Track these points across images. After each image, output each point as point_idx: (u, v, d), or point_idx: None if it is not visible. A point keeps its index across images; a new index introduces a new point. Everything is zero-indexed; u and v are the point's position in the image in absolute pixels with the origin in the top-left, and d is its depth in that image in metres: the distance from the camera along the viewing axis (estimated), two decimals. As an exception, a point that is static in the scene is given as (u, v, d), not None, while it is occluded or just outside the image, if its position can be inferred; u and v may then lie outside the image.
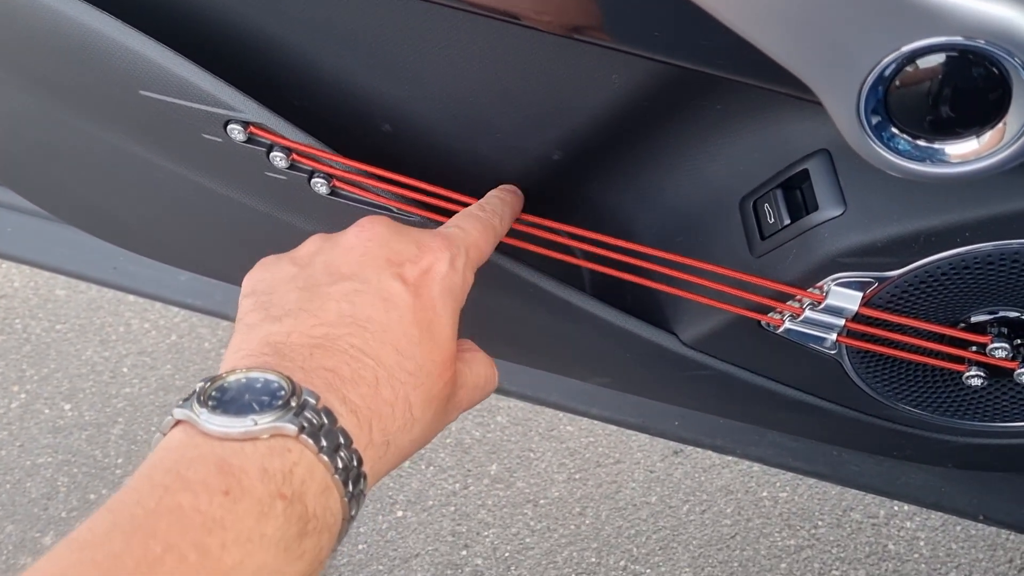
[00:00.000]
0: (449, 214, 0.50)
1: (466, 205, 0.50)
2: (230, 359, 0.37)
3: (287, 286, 0.40)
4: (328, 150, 0.49)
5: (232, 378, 0.34)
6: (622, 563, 1.18)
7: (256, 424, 0.32)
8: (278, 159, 0.49)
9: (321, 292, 0.39)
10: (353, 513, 0.34)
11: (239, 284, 0.43)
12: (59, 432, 1.35)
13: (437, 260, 0.41)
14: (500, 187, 0.50)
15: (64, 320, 1.48)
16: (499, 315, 0.60)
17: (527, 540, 1.21)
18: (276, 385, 0.33)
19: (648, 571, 1.17)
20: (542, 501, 1.24)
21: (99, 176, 0.61)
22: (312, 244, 0.43)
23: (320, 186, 0.50)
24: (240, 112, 0.48)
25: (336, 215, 0.53)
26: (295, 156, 0.49)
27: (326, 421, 0.33)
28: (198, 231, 0.63)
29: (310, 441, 0.32)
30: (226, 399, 0.33)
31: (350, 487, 0.33)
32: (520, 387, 0.92)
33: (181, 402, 0.33)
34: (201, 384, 0.34)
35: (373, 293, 0.39)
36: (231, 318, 0.94)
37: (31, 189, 0.69)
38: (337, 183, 0.50)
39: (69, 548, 0.29)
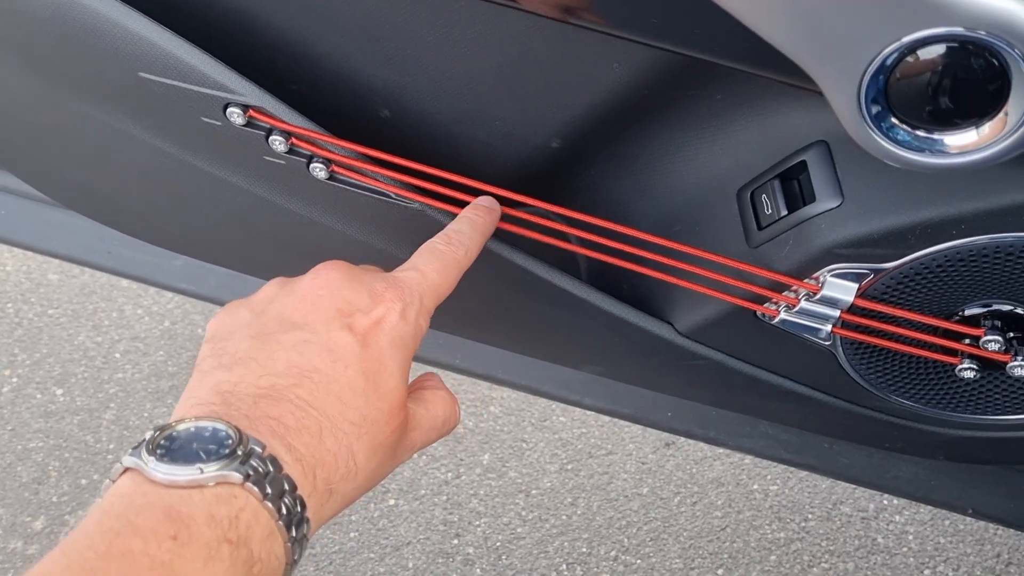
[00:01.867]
0: (448, 201, 0.50)
1: (466, 188, 0.50)
2: (181, 406, 0.38)
3: (241, 333, 0.41)
4: (328, 134, 0.49)
5: (181, 427, 0.35)
6: (613, 553, 1.18)
7: (203, 472, 0.33)
8: (277, 143, 0.49)
9: (271, 341, 0.40)
10: (296, 558, 0.35)
11: (236, 270, 0.44)
12: (51, 417, 1.34)
13: (388, 311, 0.41)
14: (474, 203, 0.50)
15: (57, 305, 1.48)
16: (493, 302, 0.60)
17: (518, 530, 1.21)
18: (224, 434, 0.34)
19: (639, 562, 1.17)
20: (534, 491, 1.25)
21: (97, 159, 0.61)
22: (270, 289, 0.44)
23: (319, 171, 0.50)
24: (240, 95, 0.48)
25: (334, 201, 0.53)
26: (294, 140, 0.49)
27: (271, 469, 0.34)
28: (196, 215, 0.63)
29: (255, 489, 0.33)
30: (174, 447, 0.34)
31: (293, 532, 0.34)
32: (513, 376, 0.92)
33: (131, 450, 0.34)
34: (151, 433, 0.35)
35: (321, 344, 0.39)
36: (224, 304, 0.93)
37: (28, 171, 0.69)
38: (336, 168, 0.50)
39: None
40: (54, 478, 1.28)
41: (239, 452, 0.34)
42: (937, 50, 0.33)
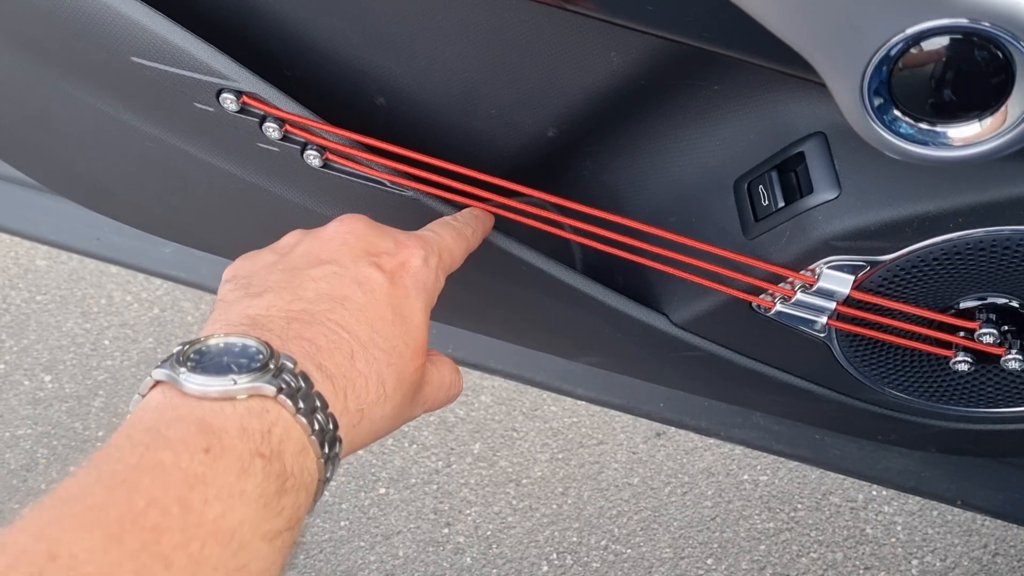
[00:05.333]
0: (443, 189, 0.50)
1: (461, 177, 0.49)
2: (209, 328, 0.37)
3: (267, 269, 0.41)
4: (323, 122, 0.48)
5: (212, 341, 0.34)
6: (603, 543, 1.19)
7: (235, 384, 0.32)
8: (271, 130, 0.49)
9: (301, 274, 0.40)
10: (329, 475, 0.35)
11: (227, 257, 0.44)
12: (39, 404, 1.34)
13: (412, 256, 0.43)
14: (471, 207, 0.52)
15: (45, 291, 1.47)
16: (488, 291, 0.60)
17: (509, 519, 1.21)
18: (254, 349, 0.34)
19: (629, 551, 1.18)
20: (524, 480, 1.25)
21: (89, 144, 0.60)
22: (292, 237, 0.45)
23: (313, 159, 0.50)
24: (233, 81, 0.47)
25: (328, 189, 0.53)
26: (288, 127, 0.49)
27: (303, 385, 0.34)
28: (188, 202, 0.63)
29: (288, 402, 0.33)
30: (205, 361, 0.34)
31: (326, 449, 0.34)
32: (505, 365, 0.93)
33: (160, 363, 0.34)
34: (180, 347, 0.34)
35: (350, 276, 0.40)
36: (215, 291, 0.93)
37: (18, 156, 0.68)
38: (330, 156, 0.50)
39: (53, 501, 0.29)
40: (42, 465, 1.27)
41: (271, 366, 0.33)
42: (941, 42, 0.32)
